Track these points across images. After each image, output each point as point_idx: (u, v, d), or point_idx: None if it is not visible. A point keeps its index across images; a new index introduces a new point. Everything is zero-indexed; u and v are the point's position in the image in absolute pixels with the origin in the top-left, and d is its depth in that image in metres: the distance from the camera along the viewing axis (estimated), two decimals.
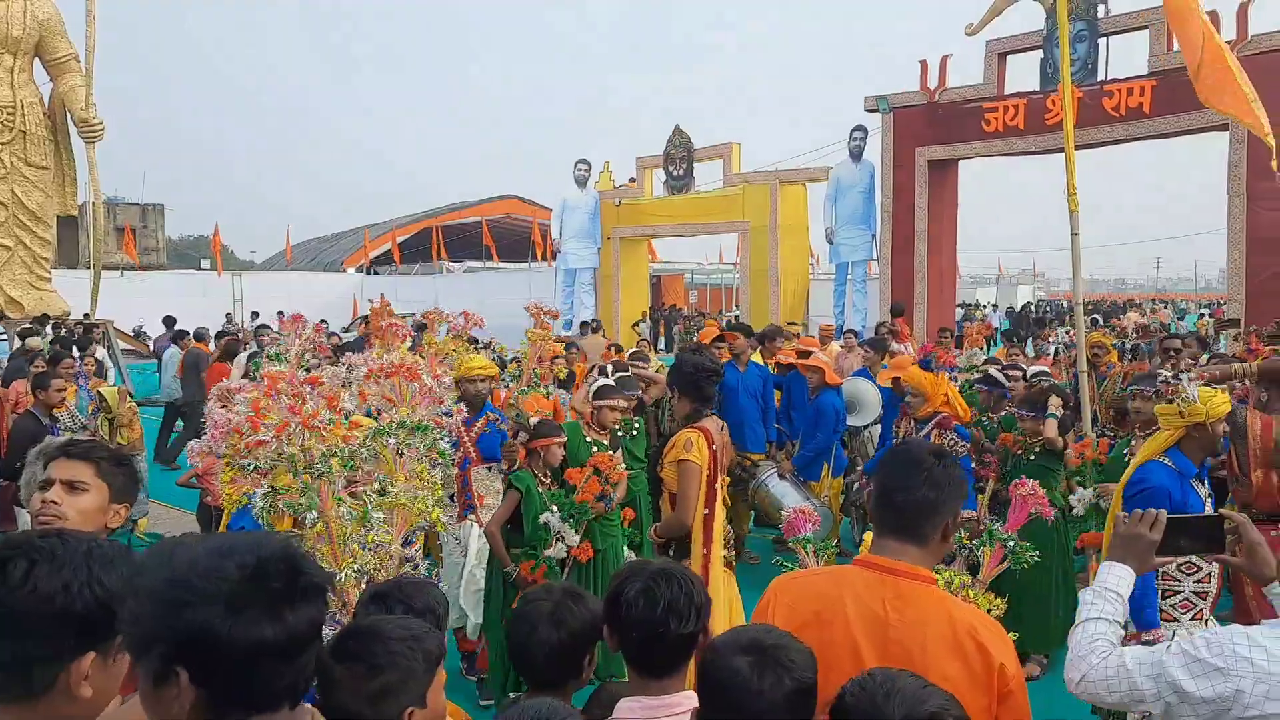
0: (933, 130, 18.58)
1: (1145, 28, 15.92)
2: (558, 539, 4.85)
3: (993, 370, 7.26)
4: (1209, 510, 3.61)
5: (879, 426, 8.18)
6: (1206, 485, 3.81)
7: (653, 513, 6.19)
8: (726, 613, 4.31)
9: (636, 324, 21.33)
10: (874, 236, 19.92)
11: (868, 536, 2.34)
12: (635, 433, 6.61)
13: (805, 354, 8.17)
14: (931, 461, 2.21)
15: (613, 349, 10.77)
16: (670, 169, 22.99)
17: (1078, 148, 17.82)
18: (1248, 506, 5.23)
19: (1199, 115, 15.42)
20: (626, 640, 2.14)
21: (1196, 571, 3.74)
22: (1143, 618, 3.82)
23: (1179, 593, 3.81)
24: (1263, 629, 1.95)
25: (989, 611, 2.72)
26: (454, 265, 39.10)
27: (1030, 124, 17.06)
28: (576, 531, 4.90)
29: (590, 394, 6.01)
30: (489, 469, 5.59)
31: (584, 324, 21.49)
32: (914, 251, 19.07)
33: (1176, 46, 15.44)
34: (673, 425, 4.37)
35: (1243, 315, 14.56)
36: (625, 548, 5.44)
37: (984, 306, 28.06)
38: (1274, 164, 6.33)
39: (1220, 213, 15.50)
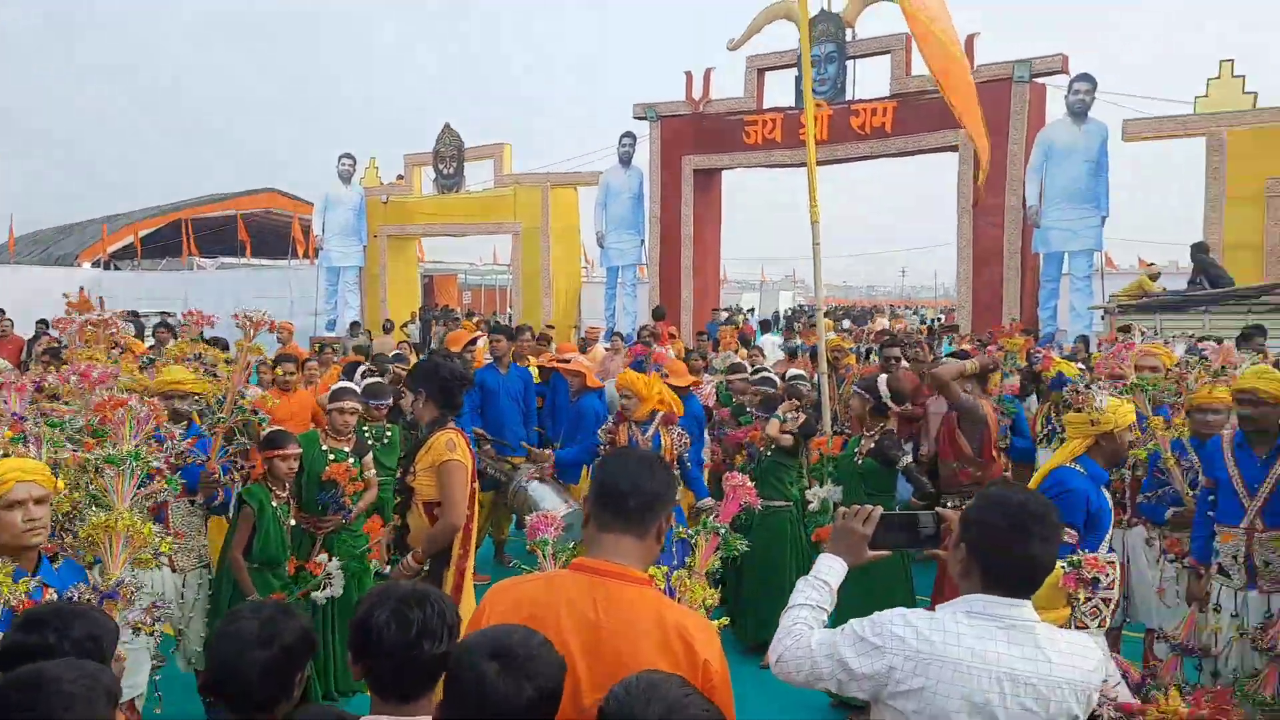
0: (698, 140, 19.20)
1: (887, 53, 17.14)
2: (327, 582, 4.62)
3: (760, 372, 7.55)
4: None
5: None
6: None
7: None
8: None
9: (405, 324, 20.75)
10: (643, 241, 20.35)
11: None
12: (387, 440, 6.37)
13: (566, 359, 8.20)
14: (656, 459, 2.33)
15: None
16: (440, 167, 22.55)
17: (829, 162, 18.95)
18: (951, 484, 5.69)
19: (933, 136, 16.79)
20: (377, 666, 2.05)
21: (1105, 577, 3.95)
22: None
23: (1089, 599, 4.03)
24: (920, 612, 2.11)
25: (704, 602, 2.80)
26: (206, 261, 36.65)
27: (786, 138, 17.95)
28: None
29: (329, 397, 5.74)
30: (192, 503, 4.92)
31: (353, 324, 20.74)
32: (680, 257, 19.65)
33: (915, 71, 16.81)
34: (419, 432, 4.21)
35: (970, 322, 15.97)
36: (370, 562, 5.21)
37: (744, 311, 29.30)
38: (979, 182, 6.98)
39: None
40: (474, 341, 7.58)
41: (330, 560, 4.77)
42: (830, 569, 2.34)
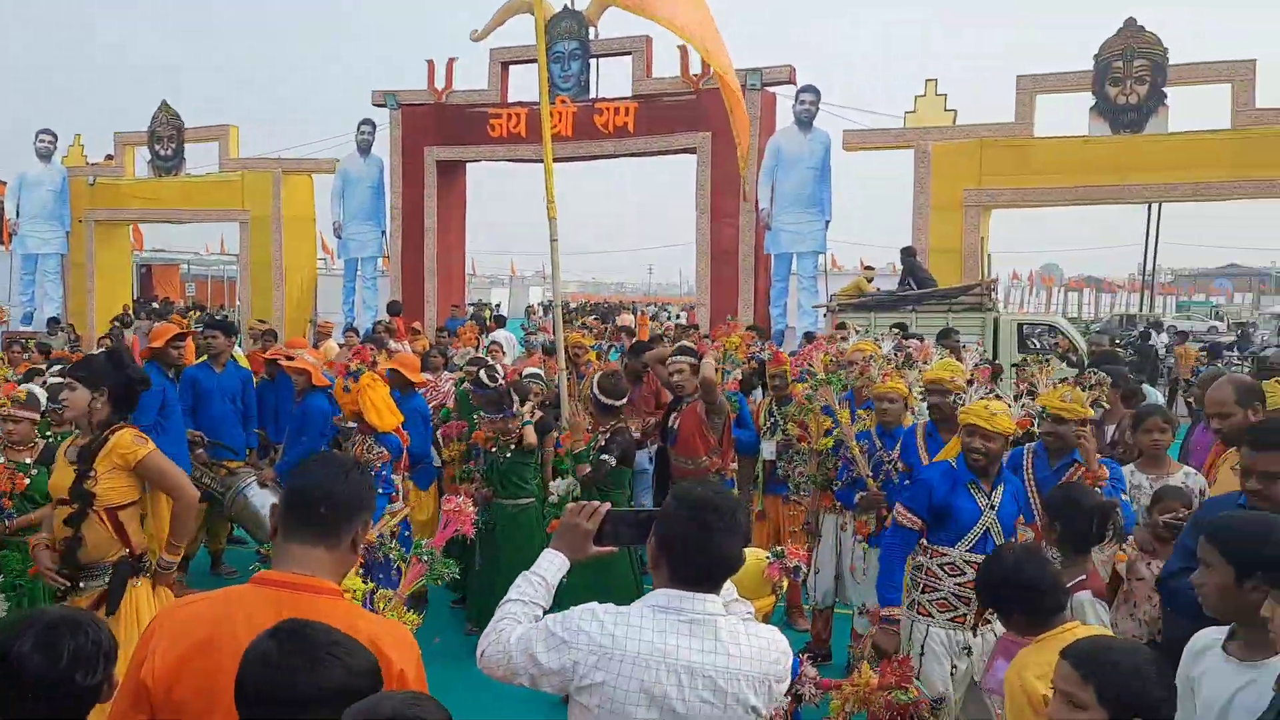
0: (441, 131, 18.80)
1: (630, 53, 17.49)
2: None
3: (482, 373, 7.39)
4: (988, 513, 3.89)
5: None
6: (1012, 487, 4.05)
7: None
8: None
9: (115, 319, 18.93)
10: (384, 232, 19.68)
11: None
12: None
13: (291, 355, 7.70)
14: (352, 465, 2.18)
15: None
16: (156, 148, 20.74)
17: (573, 159, 19.05)
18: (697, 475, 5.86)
19: (672, 138, 17.33)
20: (20, 706, 1.84)
21: (959, 575, 3.93)
22: (882, 597, 4.09)
23: (938, 590, 3.99)
24: (610, 607, 2.09)
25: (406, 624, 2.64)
26: None
27: (532, 132, 17.90)
28: None
29: None
30: None
31: (51, 321, 18.72)
32: (424, 249, 19.16)
33: (656, 73, 17.26)
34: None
35: (708, 318, 16.60)
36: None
37: (490, 306, 29.13)
38: (744, 170, 7.20)
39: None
40: (180, 337, 6.93)
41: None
42: (550, 564, 2.30)
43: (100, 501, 3.69)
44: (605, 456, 5.63)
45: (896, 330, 8.81)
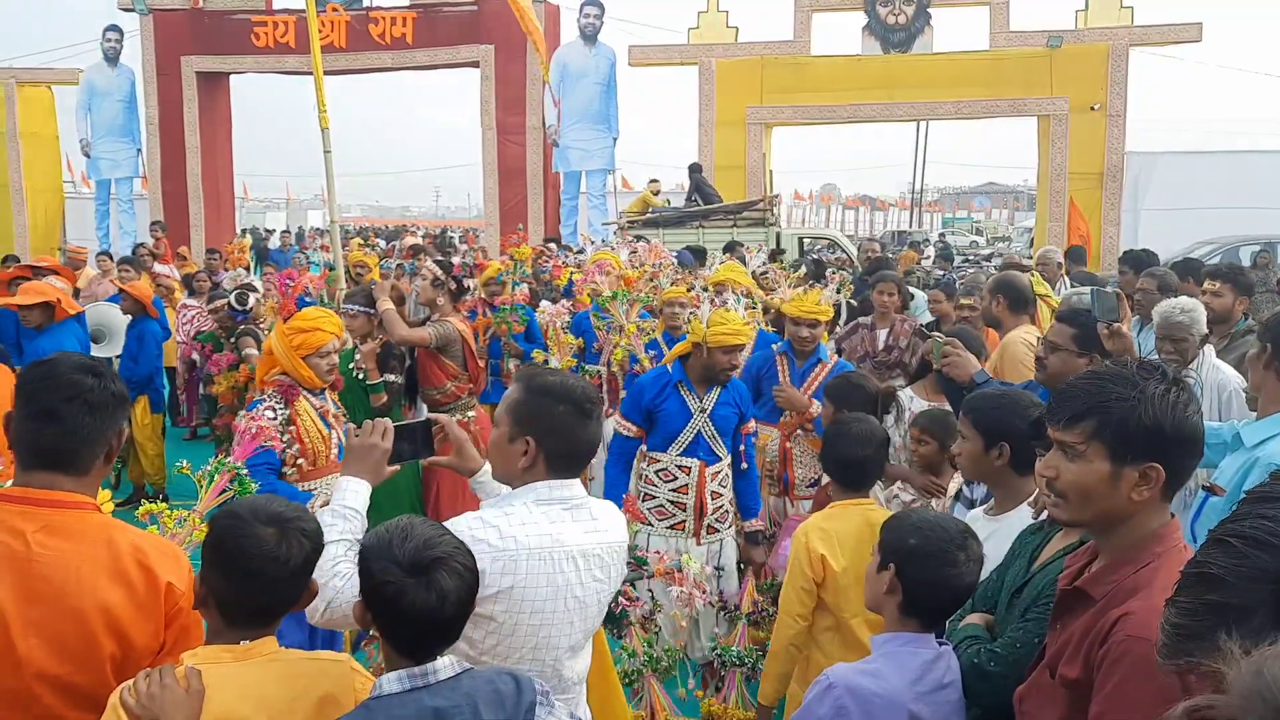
0: (199, 40, 17.35)
1: None
2: None
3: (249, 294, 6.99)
4: (698, 416, 3.90)
5: None
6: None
7: None
8: None
9: None
10: (139, 151, 18.08)
11: None
12: None
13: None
14: (91, 383, 1.89)
15: None
16: None
17: (348, 72, 18.12)
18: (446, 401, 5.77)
19: (453, 51, 16.74)
20: None
21: (673, 480, 3.90)
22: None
23: (655, 498, 3.95)
24: (493, 511, 2.02)
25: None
26: None
27: (301, 43, 16.83)
28: None
29: None
30: None
31: None
32: (186, 169, 17.77)
33: None
34: None
35: (497, 240, 16.31)
36: None
37: (266, 231, 27.61)
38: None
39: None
40: None
41: None
42: (356, 493, 2.10)
43: None
44: (391, 377, 5.44)
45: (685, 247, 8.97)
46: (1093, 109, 15.03)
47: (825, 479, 3.61)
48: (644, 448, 4.07)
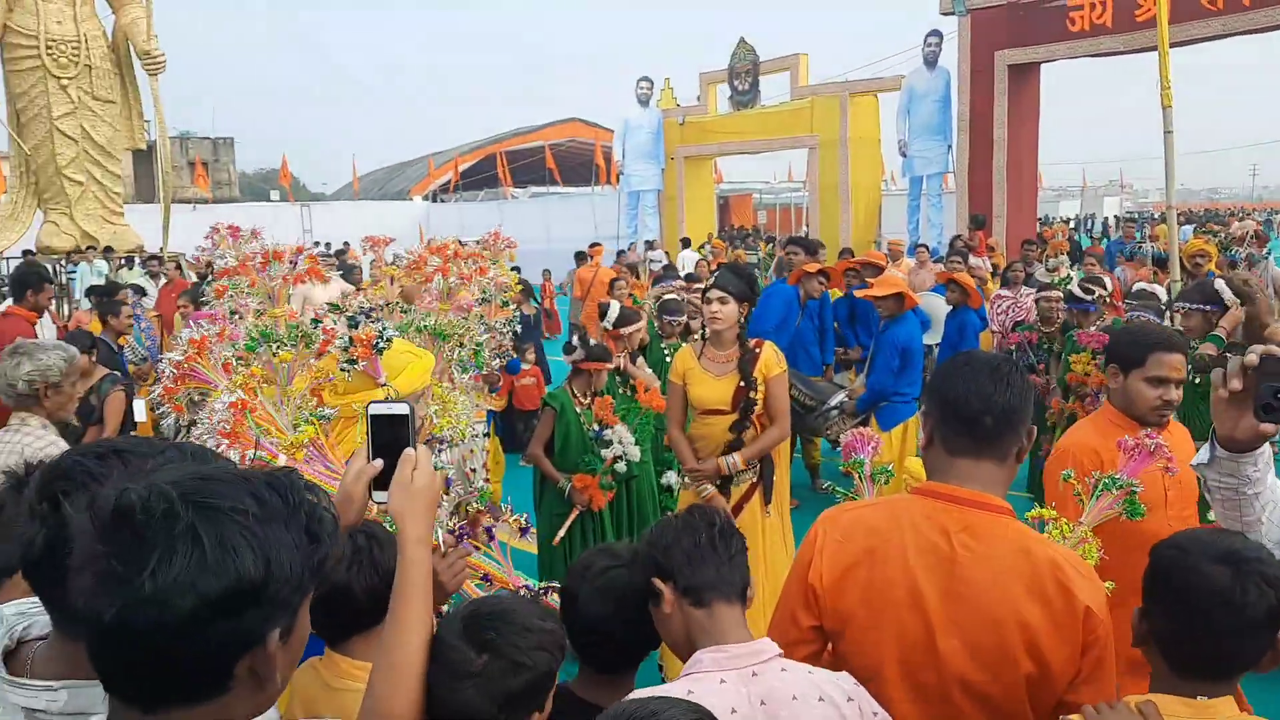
0: (1013, 32, 17.53)
1: None
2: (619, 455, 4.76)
3: (1074, 288, 6.78)
4: None
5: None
6: None
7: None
8: (763, 561, 4.07)
9: (701, 245, 20.85)
10: (950, 148, 19.03)
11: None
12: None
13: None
14: (1009, 366, 1.91)
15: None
16: (735, 84, 22.18)
17: (1175, 45, 16.69)
18: None
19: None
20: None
21: None
22: None
23: None
24: None
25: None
26: (518, 191, 38.85)
27: (1119, 22, 15.96)
28: (638, 444, 4.80)
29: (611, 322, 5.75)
30: None
31: (648, 243, 21.18)
32: (992, 163, 18.18)
33: None
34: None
35: None
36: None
37: (1062, 221, 26.90)
38: None
39: None
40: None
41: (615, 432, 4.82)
42: None
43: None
44: None
45: None
46: None
47: None
48: None
